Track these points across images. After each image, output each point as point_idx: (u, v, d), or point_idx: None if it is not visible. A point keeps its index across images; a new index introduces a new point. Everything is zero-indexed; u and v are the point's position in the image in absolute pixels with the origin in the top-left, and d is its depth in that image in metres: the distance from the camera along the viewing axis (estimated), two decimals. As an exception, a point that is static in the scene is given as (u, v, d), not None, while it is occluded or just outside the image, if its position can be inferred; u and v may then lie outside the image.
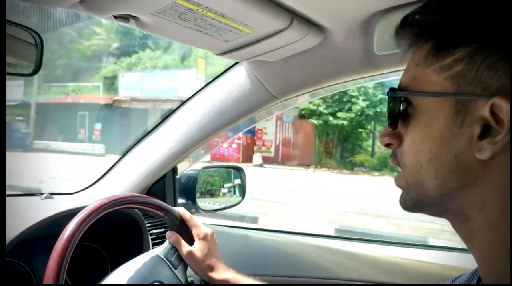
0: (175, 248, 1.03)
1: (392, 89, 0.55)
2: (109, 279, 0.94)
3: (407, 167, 0.55)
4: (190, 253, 1.01)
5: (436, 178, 0.51)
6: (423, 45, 0.53)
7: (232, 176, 1.64)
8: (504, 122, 0.45)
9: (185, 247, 1.01)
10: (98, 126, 19.18)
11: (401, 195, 0.58)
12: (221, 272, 1.01)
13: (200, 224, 1.06)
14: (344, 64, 1.07)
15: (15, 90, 16.50)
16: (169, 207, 1.05)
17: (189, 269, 1.04)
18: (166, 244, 1.05)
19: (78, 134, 19.39)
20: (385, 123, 0.59)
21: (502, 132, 0.45)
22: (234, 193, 1.63)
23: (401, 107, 0.55)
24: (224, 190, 1.61)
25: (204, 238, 1.03)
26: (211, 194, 1.58)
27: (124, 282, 0.93)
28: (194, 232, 1.04)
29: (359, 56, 1.02)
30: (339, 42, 1.00)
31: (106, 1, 0.74)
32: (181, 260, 1.02)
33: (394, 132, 0.57)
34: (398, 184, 0.58)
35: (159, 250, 1.03)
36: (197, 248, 1.02)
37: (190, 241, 1.03)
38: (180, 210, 1.06)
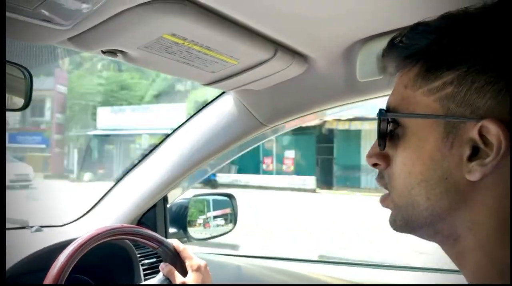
0: (168, 280, 1.03)
1: (381, 111, 0.56)
2: None
3: (397, 189, 0.55)
4: (184, 285, 1.01)
5: (428, 199, 0.52)
6: (411, 67, 0.54)
7: (224, 203, 1.65)
8: (493, 144, 0.46)
9: (178, 278, 1.01)
10: (290, 154, 16.61)
11: (391, 215, 0.58)
12: None
13: (194, 256, 1.06)
14: (328, 91, 1.10)
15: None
16: (162, 238, 1.05)
17: None
18: (159, 276, 1.05)
19: (262, 165, 17.01)
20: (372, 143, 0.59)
21: (491, 154, 0.46)
22: (226, 221, 1.63)
23: (389, 128, 0.56)
24: (215, 218, 1.61)
25: (198, 269, 1.03)
26: (203, 222, 1.58)
27: None
28: (187, 263, 1.04)
29: (343, 82, 1.05)
30: (322, 70, 1.03)
31: (94, 37, 0.76)
32: None
33: (382, 153, 0.57)
34: (385, 205, 0.59)
35: (153, 282, 1.03)
36: (191, 279, 1.02)
37: (184, 273, 1.03)
38: (174, 242, 1.07)
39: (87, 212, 1.44)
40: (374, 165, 0.59)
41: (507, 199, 0.47)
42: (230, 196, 1.65)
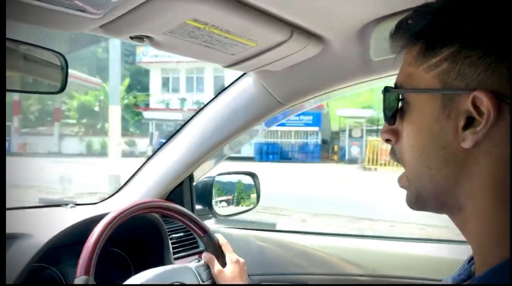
0: (207, 266, 1.11)
1: (386, 88, 0.60)
2: (136, 277, 1.01)
3: (406, 162, 0.59)
4: (221, 272, 1.09)
5: (429, 168, 0.55)
6: (413, 46, 0.57)
7: (247, 182, 1.71)
8: (485, 113, 0.49)
9: (217, 266, 1.10)
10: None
11: (406, 194, 0.61)
12: None
13: (233, 252, 1.15)
14: (344, 71, 1.14)
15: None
16: (208, 228, 1.14)
17: None
18: (200, 262, 1.13)
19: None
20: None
21: (482, 122, 0.49)
22: (249, 198, 1.69)
23: (395, 104, 0.60)
24: (239, 195, 1.68)
25: (236, 263, 1.12)
26: (227, 199, 1.65)
27: (148, 277, 1.00)
28: (227, 256, 1.13)
29: (357, 62, 1.09)
30: (338, 50, 1.07)
31: (123, 24, 0.83)
32: (209, 277, 1.10)
33: (392, 129, 0.61)
34: (401, 185, 0.62)
35: (192, 264, 1.11)
36: (228, 269, 1.10)
37: (223, 264, 1.12)
38: (218, 236, 1.16)
39: (119, 190, 1.52)
40: (387, 141, 0.62)
41: (502, 167, 0.50)
42: (253, 175, 1.71)
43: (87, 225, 1.07)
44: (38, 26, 0.84)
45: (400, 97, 0.59)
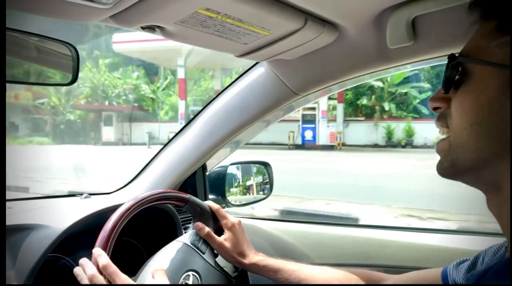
0: (198, 236, 1.09)
1: (452, 55, 0.60)
2: (144, 273, 1.01)
3: (453, 128, 0.60)
4: (221, 244, 1.08)
5: (477, 141, 0.56)
6: (491, 19, 0.57)
7: (260, 171, 1.70)
8: None
9: (215, 240, 1.08)
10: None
11: (439, 160, 0.62)
12: (251, 257, 1.08)
13: (227, 215, 1.13)
14: (359, 59, 1.12)
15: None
16: (187, 196, 1.11)
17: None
18: (190, 231, 1.11)
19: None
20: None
21: None
22: (262, 188, 1.69)
23: (457, 73, 0.59)
24: (252, 185, 1.67)
25: (232, 227, 1.10)
26: (240, 189, 1.64)
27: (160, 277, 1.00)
28: (222, 222, 1.11)
29: (373, 50, 1.06)
30: (353, 38, 1.05)
31: (134, 14, 0.82)
32: (207, 245, 1.09)
33: (444, 97, 0.62)
34: (440, 147, 0.62)
35: (185, 238, 1.09)
36: (227, 237, 1.09)
37: (219, 232, 1.10)
38: (208, 202, 1.13)
39: (132, 180, 1.53)
40: (435, 109, 0.63)
41: None
42: (266, 164, 1.70)
43: (101, 215, 1.08)
44: (49, 17, 0.84)
45: (459, 65, 0.59)
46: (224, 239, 1.09)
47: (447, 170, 0.60)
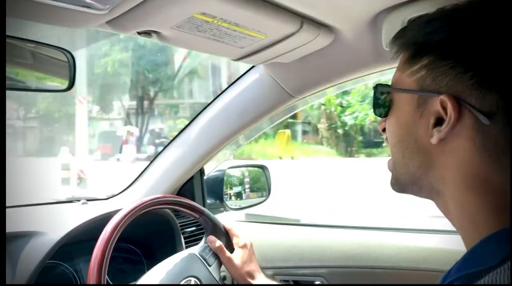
0: (209, 248, 1.10)
1: (376, 86, 0.69)
2: (146, 276, 1.01)
3: (390, 149, 0.68)
4: (230, 260, 1.08)
5: (403, 157, 0.65)
6: (404, 53, 0.66)
7: (258, 174, 1.70)
8: (448, 115, 0.57)
9: (226, 254, 1.09)
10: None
11: (391, 177, 0.69)
12: (260, 279, 1.09)
13: (241, 234, 1.14)
14: (356, 61, 1.12)
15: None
16: (203, 208, 1.13)
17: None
18: (201, 243, 1.12)
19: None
20: None
21: (445, 122, 0.57)
22: (260, 191, 1.69)
23: (383, 100, 0.69)
24: (250, 188, 1.67)
25: (244, 246, 1.12)
26: (238, 192, 1.64)
27: (161, 278, 1.00)
28: (234, 240, 1.13)
29: (369, 52, 1.07)
30: (349, 40, 1.05)
31: (131, 20, 0.82)
32: (215, 258, 1.09)
33: (386, 119, 0.70)
34: (388, 166, 0.70)
35: (195, 249, 1.10)
36: (237, 255, 1.10)
37: (230, 248, 1.11)
38: (224, 221, 1.15)
39: (129, 185, 1.53)
40: (384, 131, 0.71)
41: (466, 159, 0.57)
42: (263, 167, 1.70)
43: (99, 222, 1.07)
44: (45, 23, 0.84)
45: (381, 94, 0.69)
46: (235, 256, 1.10)
47: (394, 186, 0.69)
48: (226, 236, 1.14)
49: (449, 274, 0.56)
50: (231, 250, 1.11)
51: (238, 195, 1.64)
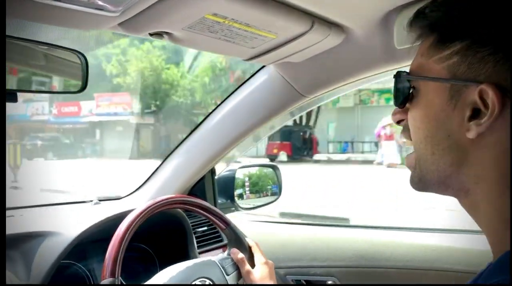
0: (231, 259, 1.10)
1: (398, 73, 0.63)
2: (160, 275, 1.01)
3: (413, 142, 0.62)
4: (250, 273, 1.08)
5: (433, 154, 0.58)
6: (427, 37, 0.60)
7: (268, 174, 1.70)
8: (490, 106, 0.51)
9: (246, 266, 1.09)
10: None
11: (410, 175, 0.64)
12: None
13: (263, 253, 1.14)
14: (367, 60, 1.12)
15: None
16: (229, 220, 1.14)
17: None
18: (223, 254, 1.13)
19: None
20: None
21: (487, 114, 0.52)
22: (271, 191, 1.69)
23: (406, 89, 0.62)
24: (261, 188, 1.67)
25: (265, 264, 1.11)
26: (249, 192, 1.64)
27: (174, 276, 1.00)
28: (256, 257, 1.13)
29: (381, 51, 1.06)
30: (360, 39, 1.05)
31: (142, 21, 0.82)
32: (235, 269, 1.09)
33: (403, 110, 0.64)
34: (408, 163, 0.64)
35: (215, 257, 1.10)
36: (257, 270, 1.09)
37: (251, 264, 1.11)
38: (248, 239, 1.15)
39: (141, 185, 1.53)
40: (399, 122, 0.65)
41: (505, 156, 0.52)
42: (274, 167, 1.70)
43: (113, 221, 1.08)
44: (58, 26, 0.85)
45: (410, 84, 0.62)
46: (255, 270, 1.10)
47: (416, 184, 0.63)
48: (249, 252, 1.14)
49: (480, 276, 0.53)
50: (252, 265, 1.11)
51: (249, 195, 1.63)
